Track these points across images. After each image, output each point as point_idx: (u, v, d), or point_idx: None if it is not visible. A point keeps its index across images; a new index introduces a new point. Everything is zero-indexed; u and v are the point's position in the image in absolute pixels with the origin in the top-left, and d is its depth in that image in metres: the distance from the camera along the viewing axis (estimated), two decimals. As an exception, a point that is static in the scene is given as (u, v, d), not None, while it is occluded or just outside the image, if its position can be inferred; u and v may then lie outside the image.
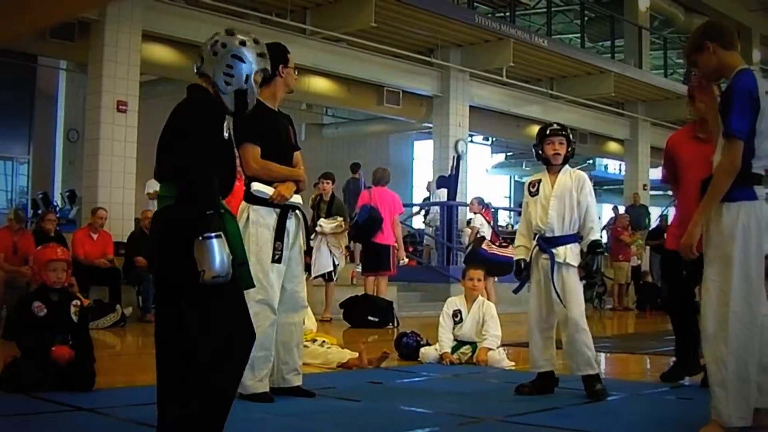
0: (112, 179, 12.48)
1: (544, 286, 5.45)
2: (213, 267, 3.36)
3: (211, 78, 3.73)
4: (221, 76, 3.71)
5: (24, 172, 19.14)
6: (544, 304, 5.49)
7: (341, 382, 5.97)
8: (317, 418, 4.63)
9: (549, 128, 5.64)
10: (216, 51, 3.74)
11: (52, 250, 5.58)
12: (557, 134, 5.55)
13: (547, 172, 5.61)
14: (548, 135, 5.56)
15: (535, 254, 5.52)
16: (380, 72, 17.13)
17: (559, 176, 5.53)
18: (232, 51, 3.73)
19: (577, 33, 23.70)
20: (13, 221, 10.66)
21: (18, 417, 4.47)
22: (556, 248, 5.39)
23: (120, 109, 12.55)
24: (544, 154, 5.56)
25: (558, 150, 5.50)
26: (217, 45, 3.75)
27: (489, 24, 17.61)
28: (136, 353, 8.88)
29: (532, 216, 5.55)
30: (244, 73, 3.74)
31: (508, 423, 4.58)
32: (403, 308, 12.80)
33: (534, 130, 21.06)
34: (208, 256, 3.36)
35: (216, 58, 3.73)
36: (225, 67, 3.71)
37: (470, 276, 7.34)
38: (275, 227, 5.02)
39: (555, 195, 5.45)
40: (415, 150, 27.51)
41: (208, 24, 13.75)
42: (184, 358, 3.47)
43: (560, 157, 5.50)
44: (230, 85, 3.72)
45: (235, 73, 3.72)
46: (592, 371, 5.35)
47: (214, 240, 3.36)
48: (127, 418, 4.46)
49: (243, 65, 3.73)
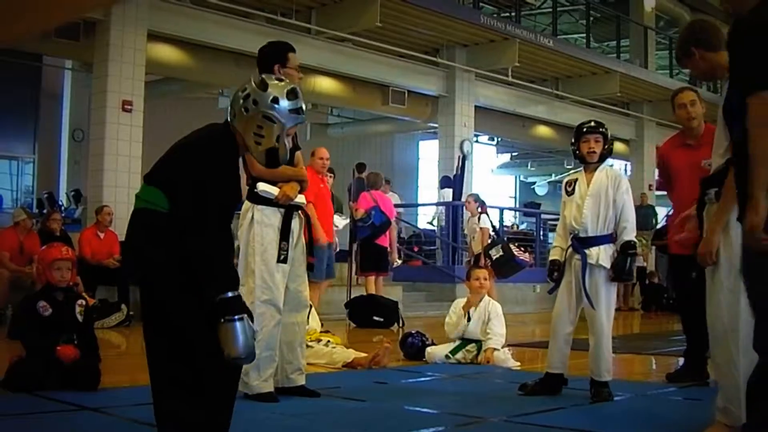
0: (117, 179, 12.48)
1: (575, 287, 5.35)
2: (237, 350, 3.26)
3: (242, 135, 3.55)
4: (251, 136, 3.53)
5: (29, 171, 19.15)
6: (572, 306, 5.40)
7: (346, 381, 5.97)
8: (322, 418, 4.63)
9: (585, 126, 5.56)
10: (247, 108, 3.52)
11: (56, 250, 5.58)
12: (593, 132, 5.45)
13: (583, 171, 5.53)
14: (584, 132, 5.48)
15: (569, 254, 5.43)
16: (385, 72, 17.11)
17: (595, 175, 5.43)
18: (263, 112, 3.52)
19: (583, 33, 23.66)
20: (27, 220, 10.67)
21: (23, 416, 4.47)
22: (589, 249, 5.31)
23: (125, 108, 12.55)
24: (579, 152, 5.47)
25: (593, 148, 5.40)
26: (249, 101, 3.53)
27: (494, 24, 17.58)
28: (141, 353, 8.79)
29: (567, 216, 5.47)
30: (275, 134, 3.55)
31: (513, 423, 4.57)
32: (408, 308, 12.79)
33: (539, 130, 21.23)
34: (231, 338, 3.26)
35: (246, 116, 3.53)
36: (255, 128, 3.53)
37: (476, 276, 7.36)
38: (280, 227, 5.02)
39: (590, 194, 5.36)
40: (420, 150, 27.50)
41: (214, 24, 13.81)
42: (179, 361, 3.40)
43: (596, 155, 5.40)
44: (260, 144, 3.55)
45: (265, 134, 3.53)
46: (609, 378, 5.32)
47: (237, 323, 3.26)
48: (132, 417, 4.46)
49: (274, 126, 3.54)
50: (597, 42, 24.31)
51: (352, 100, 17.75)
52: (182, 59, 14.39)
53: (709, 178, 4.05)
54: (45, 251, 5.65)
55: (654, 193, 22.52)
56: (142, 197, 3.55)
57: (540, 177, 31.90)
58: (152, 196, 3.48)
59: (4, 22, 1.74)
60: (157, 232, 3.42)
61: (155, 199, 3.46)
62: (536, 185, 32.15)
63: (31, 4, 1.72)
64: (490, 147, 29.28)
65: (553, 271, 5.49)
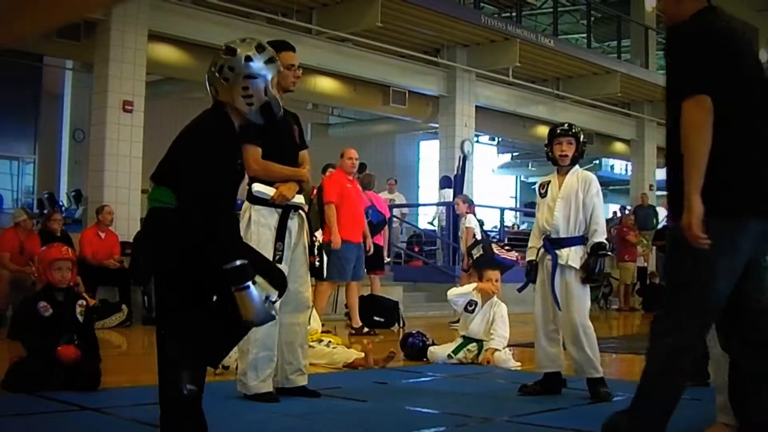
0: (118, 179, 12.47)
1: (549, 287, 5.44)
2: (253, 314, 3.41)
3: (233, 104, 3.66)
4: (240, 100, 3.65)
5: (30, 171, 19.15)
6: (549, 305, 5.47)
7: (347, 382, 5.96)
8: (323, 418, 4.62)
9: (558, 128, 5.62)
10: (226, 77, 3.65)
11: (56, 250, 5.58)
12: (565, 135, 5.51)
13: (556, 173, 5.61)
14: (557, 135, 5.54)
15: (541, 255, 5.52)
16: (386, 72, 17.11)
17: (567, 178, 5.51)
18: (242, 73, 3.64)
19: (584, 33, 23.65)
20: (27, 220, 10.67)
21: (23, 416, 4.47)
22: (560, 250, 5.39)
23: (126, 109, 12.55)
24: (552, 154, 5.55)
25: (565, 151, 5.47)
26: (224, 71, 3.65)
27: (495, 24, 17.58)
28: (142, 353, 8.87)
29: (539, 217, 5.56)
30: (261, 88, 3.67)
31: (514, 423, 4.57)
32: (408, 308, 12.78)
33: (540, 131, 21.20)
34: (247, 304, 3.39)
35: (228, 85, 3.65)
36: (241, 90, 3.64)
37: (488, 276, 7.44)
38: (276, 227, 5.00)
39: (561, 196, 5.44)
40: (421, 150, 27.51)
41: (215, 24, 13.79)
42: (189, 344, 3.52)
43: (567, 158, 5.47)
44: (252, 105, 3.67)
45: (253, 93, 3.65)
46: (597, 374, 5.33)
47: (250, 290, 3.39)
48: (132, 417, 4.46)
49: (257, 81, 3.66)
50: (598, 42, 24.30)
51: (352, 100, 17.75)
52: (183, 59, 14.38)
53: None
54: (45, 251, 5.65)
55: (654, 193, 22.53)
56: (151, 197, 3.64)
57: (540, 177, 31.81)
58: (160, 194, 3.58)
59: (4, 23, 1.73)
60: (168, 230, 3.52)
61: (162, 197, 3.56)
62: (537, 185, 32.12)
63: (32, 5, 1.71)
64: (491, 147, 29.32)
65: (529, 271, 5.61)
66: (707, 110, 3.26)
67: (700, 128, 3.26)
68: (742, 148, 3.38)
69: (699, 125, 3.26)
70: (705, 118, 3.26)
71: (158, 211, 3.60)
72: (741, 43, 3.51)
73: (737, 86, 3.39)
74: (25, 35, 1.91)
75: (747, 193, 3.37)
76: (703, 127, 3.26)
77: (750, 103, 3.43)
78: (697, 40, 3.40)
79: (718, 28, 3.47)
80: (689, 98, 3.28)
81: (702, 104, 3.26)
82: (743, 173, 3.37)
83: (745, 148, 3.40)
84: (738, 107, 3.37)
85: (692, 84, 3.31)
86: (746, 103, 3.41)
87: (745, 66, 3.45)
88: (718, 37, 3.43)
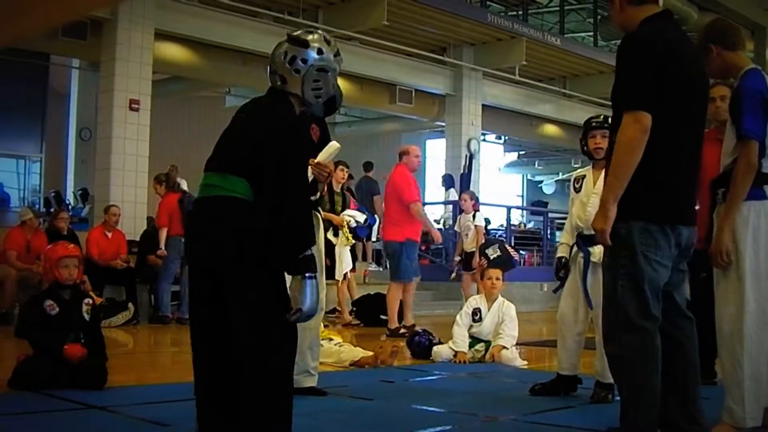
0: (125, 178, 12.49)
1: (581, 286, 5.24)
2: (307, 304, 3.36)
3: (301, 96, 3.62)
4: (311, 93, 3.62)
5: (36, 170, 19.17)
6: (579, 305, 5.27)
7: (354, 380, 5.96)
8: (329, 416, 4.61)
9: (593, 120, 5.40)
10: (298, 69, 3.59)
11: (62, 247, 5.57)
12: (600, 127, 5.27)
13: (591, 168, 5.40)
14: (592, 128, 5.34)
15: (574, 253, 5.34)
16: (393, 70, 17.12)
17: (603, 172, 5.33)
18: (315, 65, 3.61)
19: (590, 31, 23.63)
20: (33, 219, 10.69)
21: (30, 415, 4.47)
22: (592, 247, 5.12)
23: (132, 107, 12.56)
24: (587, 148, 5.35)
25: (600, 144, 5.22)
26: (296, 62, 3.59)
27: (502, 23, 17.58)
28: (148, 351, 8.89)
29: (573, 213, 5.37)
30: (331, 82, 3.68)
31: (520, 422, 4.56)
32: (415, 307, 12.73)
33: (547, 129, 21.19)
34: (308, 293, 3.35)
35: (299, 77, 3.60)
36: (313, 83, 3.61)
37: (489, 275, 7.32)
38: None
39: (596, 191, 5.10)
40: (427, 149, 27.47)
41: (221, 22, 13.81)
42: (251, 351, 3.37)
43: (602, 151, 5.17)
44: (320, 98, 3.66)
45: (323, 86, 3.64)
46: (611, 381, 5.18)
47: (313, 281, 3.37)
48: (139, 416, 4.46)
49: (328, 75, 3.65)
50: (604, 40, 24.23)
51: (359, 99, 17.75)
52: (189, 58, 14.40)
53: (719, 178, 4.08)
54: (51, 249, 5.64)
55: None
56: (218, 184, 3.46)
57: (547, 176, 31.86)
58: (232, 184, 3.42)
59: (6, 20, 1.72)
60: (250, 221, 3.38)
61: (236, 186, 3.41)
62: (543, 184, 32.10)
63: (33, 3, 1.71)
64: (498, 146, 29.26)
65: (560, 269, 5.42)
66: (644, 129, 3.42)
67: (633, 146, 3.44)
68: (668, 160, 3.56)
69: (633, 143, 3.44)
70: (640, 137, 3.43)
71: (231, 200, 3.42)
72: (686, 51, 3.59)
73: (674, 101, 3.51)
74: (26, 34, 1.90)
75: (668, 203, 3.59)
76: (637, 146, 3.44)
77: (685, 115, 3.58)
78: (644, 51, 3.49)
79: (666, 35, 3.55)
80: (629, 113, 3.45)
81: (640, 121, 3.42)
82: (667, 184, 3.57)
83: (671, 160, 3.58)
84: (671, 119, 3.50)
85: (634, 98, 3.47)
86: (681, 115, 3.56)
87: (682, 80, 3.52)
88: (666, 48, 3.51)
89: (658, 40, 3.50)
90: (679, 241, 3.64)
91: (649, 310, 3.56)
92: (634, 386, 3.61)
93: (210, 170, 3.51)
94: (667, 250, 3.58)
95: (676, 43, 3.58)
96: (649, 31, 3.53)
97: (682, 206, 3.68)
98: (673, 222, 3.60)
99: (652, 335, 3.57)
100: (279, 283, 3.44)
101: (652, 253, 3.54)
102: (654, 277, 3.56)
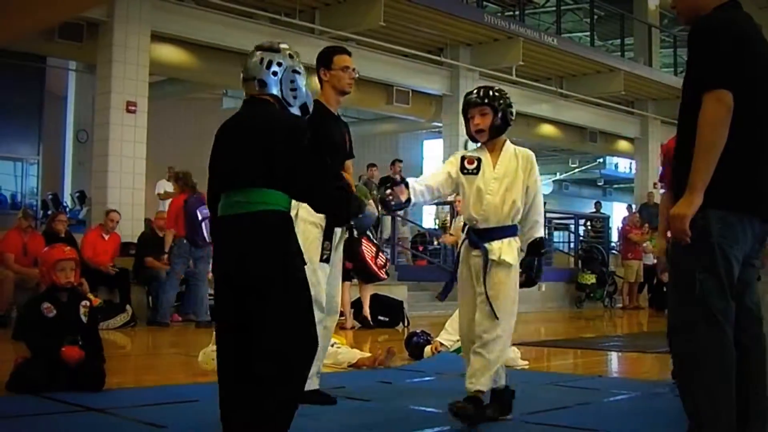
0: (122, 180, 12.49)
1: (479, 292, 4.48)
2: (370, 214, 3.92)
3: (280, 97, 3.78)
4: (289, 93, 3.79)
5: (33, 173, 19.13)
6: (474, 310, 4.53)
7: (351, 381, 5.95)
8: (327, 417, 4.61)
9: (469, 97, 4.65)
10: (275, 72, 3.76)
11: (59, 250, 5.57)
12: (477, 104, 4.55)
13: (486, 149, 4.61)
14: (468, 106, 4.62)
15: (464, 250, 4.62)
16: (389, 71, 17.12)
17: (502, 154, 4.56)
18: (291, 67, 3.80)
19: (587, 31, 23.66)
20: (22, 220, 10.67)
21: (28, 417, 4.47)
22: (490, 243, 4.47)
23: (129, 109, 12.57)
24: (468, 131, 4.65)
25: (479, 125, 4.52)
26: (273, 65, 3.76)
27: (498, 23, 17.60)
28: (146, 354, 8.88)
29: (466, 203, 4.59)
30: (303, 84, 3.85)
31: (518, 422, 4.56)
32: (413, 308, 12.78)
33: (544, 129, 21.17)
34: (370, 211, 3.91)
35: (277, 79, 3.77)
36: (290, 84, 3.79)
37: None
38: (325, 226, 4.90)
39: (496, 176, 4.51)
40: (424, 149, 27.49)
41: (218, 24, 13.81)
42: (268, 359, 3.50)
43: (484, 133, 4.52)
44: (297, 98, 3.82)
45: (297, 87, 3.81)
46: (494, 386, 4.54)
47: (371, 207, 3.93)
48: (137, 418, 4.46)
49: (299, 76, 3.84)
50: (601, 40, 24.29)
51: (356, 100, 17.72)
52: (186, 60, 14.41)
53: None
54: (47, 252, 5.64)
55: (659, 191, 22.50)
56: (255, 200, 3.57)
57: (544, 176, 31.83)
58: (270, 197, 3.57)
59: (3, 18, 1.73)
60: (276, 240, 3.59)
61: (275, 200, 3.58)
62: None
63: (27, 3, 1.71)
64: (495, 146, 29.24)
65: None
66: (727, 106, 3.21)
67: (717, 124, 3.21)
68: (748, 146, 3.34)
69: (717, 121, 3.21)
70: (724, 114, 3.21)
71: (259, 217, 3.55)
72: (758, 44, 3.49)
73: (752, 85, 3.34)
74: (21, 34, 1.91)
75: (748, 192, 3.35)
76: (721, 123, 3.22)
77: (763, 103, 3.40)
78: (721, 34, 3.35)
79: (741, 24, 3.46)
80: (710, 92, 3.23)
81: (722, 99, 3.21)
82: (747, 172, 3.34)
83: (752, 147, 3.36)
84: (750, 106, 3.32)
85: (714, 77, 3.25)
86: (758, 103, 3.38)
87: (759, 66, 3.42)
88: (741, 34, 3.41)
89: (733, 24, 3.42)
90: (756, 233, 3.38)
91: (729, 308, 3.27)
92: (710, 394, 3.32)
93: (227, 190, 3.63)
94: (744, 244, 3.33)
95: (752, 28, 3.51)
96: (725, 16, 3.44)
97: (763, 196, 3.40)
98: (753, 213, 3.36)
99: (730, 336, 3.27)
100: (303, 300, 3.67)
101: (728, 246, 3.27)
102: (730, 273, 3.28)
